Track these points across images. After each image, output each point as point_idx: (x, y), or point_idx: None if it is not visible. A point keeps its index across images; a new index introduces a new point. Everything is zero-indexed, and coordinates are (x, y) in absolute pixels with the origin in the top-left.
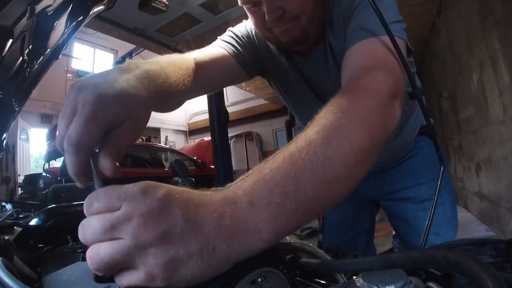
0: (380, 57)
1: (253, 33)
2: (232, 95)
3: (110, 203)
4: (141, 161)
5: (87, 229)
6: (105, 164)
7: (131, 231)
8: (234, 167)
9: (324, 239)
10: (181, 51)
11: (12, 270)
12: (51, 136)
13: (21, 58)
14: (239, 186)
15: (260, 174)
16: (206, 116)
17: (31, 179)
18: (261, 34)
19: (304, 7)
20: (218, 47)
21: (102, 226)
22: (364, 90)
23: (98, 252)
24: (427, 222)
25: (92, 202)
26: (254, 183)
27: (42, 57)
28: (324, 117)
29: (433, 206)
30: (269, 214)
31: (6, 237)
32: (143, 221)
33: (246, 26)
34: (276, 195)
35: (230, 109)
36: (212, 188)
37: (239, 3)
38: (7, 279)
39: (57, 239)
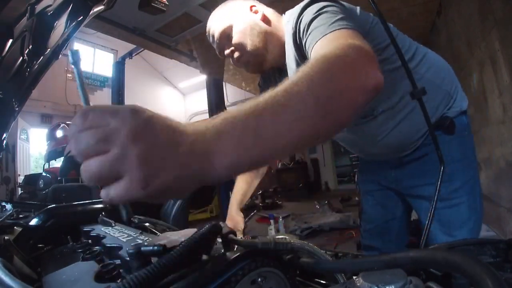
0: (339, 40)
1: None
2: (232, 95)
3: (103, 118)
4: None
5: (81, 140)
6: None
7: (119, 142)
8: None
9: (362, 223)
10: (181, 51)
11: (11, 271)
12: (51, 136)
13: (21, 58)
14: (210, 122)
15: (228, 114)
16: (206, 116)
17: (31, 179)
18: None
19: (242, 42)
20: None
21: (95, 137)
22: (334, 53)
23: (90, 165)
24: (427, 222)
25: (87, 114)
26: (222, 120)
27: (42, 57)
28: (294, 75)
29: (433, 206)
30: (232, 143)
31: (6, 237)
32: (130, 134)
33: (260, 80)
34: (239, 129)
35: None
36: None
37: (219, 56)
38: (7, 279)
39: (57, 239)
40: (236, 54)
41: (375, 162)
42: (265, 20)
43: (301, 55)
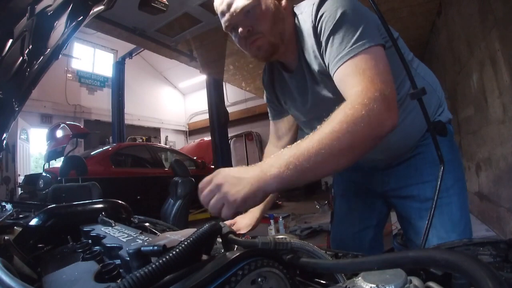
0: (365, 73)
1: (265, 71)
2: (232, 95)
3: (209, 183)
4: (141, 161)
5: (203, 198)
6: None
7: (215, 189)
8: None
9: (333, 229)
10: (181, 51)
11: (11, 271)
12: (51, 136)
13: (21, 58)
14: (265, 161)
15: (279, 155)
16: (206, 116)
17: (31, 179)
18: (248, 53)
19: (264, 24)
20: (271, 122)
21: (208, 192)
22: (355, 105)
23: (210, 205)
24: (427, 222)
25: (203, 187)
26: (273, 158)
27: (42, 57)
28: (324, 126)
29: (433, 206)
30: (277, 169)
31: (6, 237)
32: (216, 183)
33: (263, 75)
34: (283, 165)
35: (230, 109)
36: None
37: (224, 30)
38: (7, 279)
39: (57, 239)
40: (252, 37)
41: (362, 166)
42: (286, 8)
43: (319, 50)
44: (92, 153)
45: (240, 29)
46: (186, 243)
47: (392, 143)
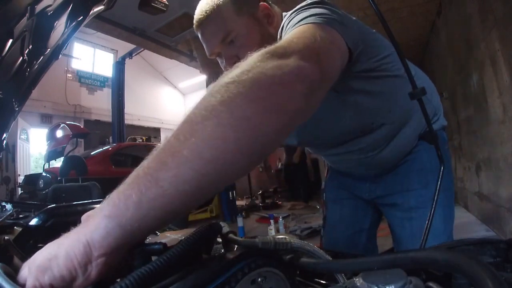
0: (298, 34)
1: None
2: None
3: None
4: (141, 161)
5: None
6: None
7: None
8: None
9: (325, 235)
10: (181, 51)
11: (12, 276)
12: (51, 136)
13: (21, 58)
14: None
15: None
16: None
17: (31, 179)
18: None
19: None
20: None
21: None
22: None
23: None
24: (427, 222)
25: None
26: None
27: (42, 57)
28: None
29: (433, 206)
30: (107, 201)
31: (6, 237)
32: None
33: None
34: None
35: None
36: None
37: (208, 57)
38: (5, 285)
39: (57, 239)
40: None
41: (351, 173)
42: (277, 27)
43: None
44: (92, 153)
45: (224, 58)
46: (186, 242)
47: (383, 158)
